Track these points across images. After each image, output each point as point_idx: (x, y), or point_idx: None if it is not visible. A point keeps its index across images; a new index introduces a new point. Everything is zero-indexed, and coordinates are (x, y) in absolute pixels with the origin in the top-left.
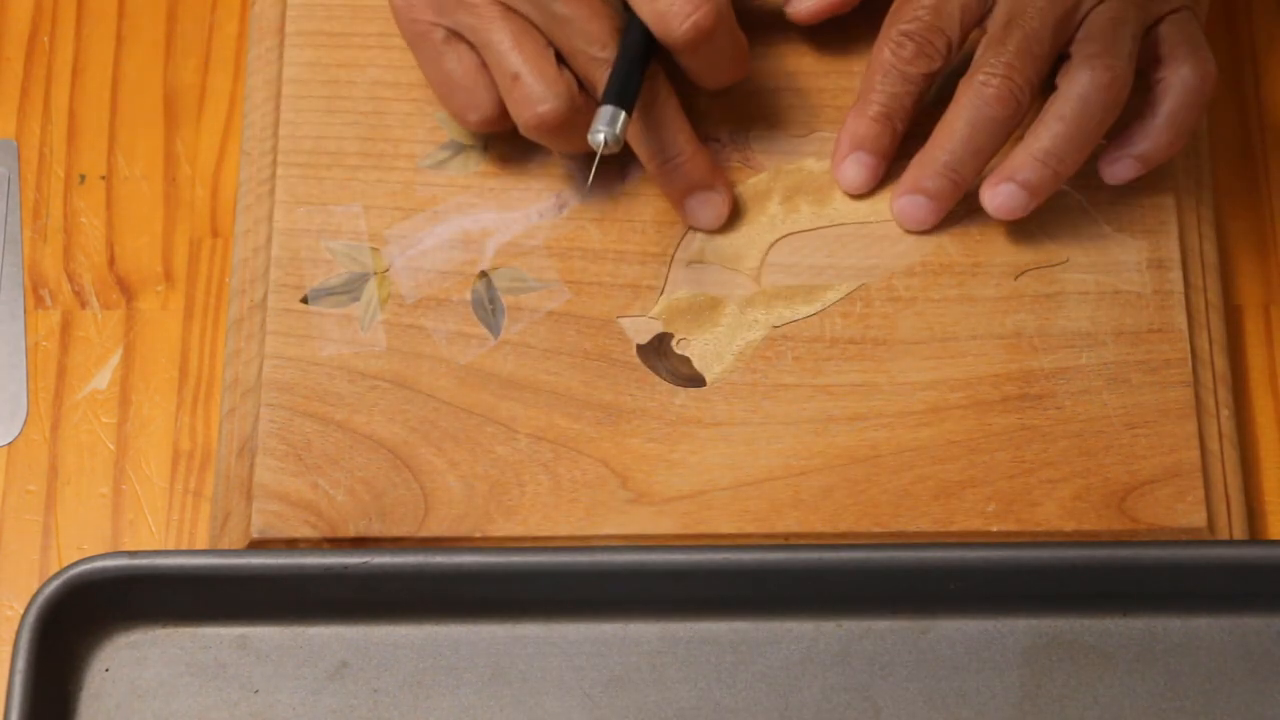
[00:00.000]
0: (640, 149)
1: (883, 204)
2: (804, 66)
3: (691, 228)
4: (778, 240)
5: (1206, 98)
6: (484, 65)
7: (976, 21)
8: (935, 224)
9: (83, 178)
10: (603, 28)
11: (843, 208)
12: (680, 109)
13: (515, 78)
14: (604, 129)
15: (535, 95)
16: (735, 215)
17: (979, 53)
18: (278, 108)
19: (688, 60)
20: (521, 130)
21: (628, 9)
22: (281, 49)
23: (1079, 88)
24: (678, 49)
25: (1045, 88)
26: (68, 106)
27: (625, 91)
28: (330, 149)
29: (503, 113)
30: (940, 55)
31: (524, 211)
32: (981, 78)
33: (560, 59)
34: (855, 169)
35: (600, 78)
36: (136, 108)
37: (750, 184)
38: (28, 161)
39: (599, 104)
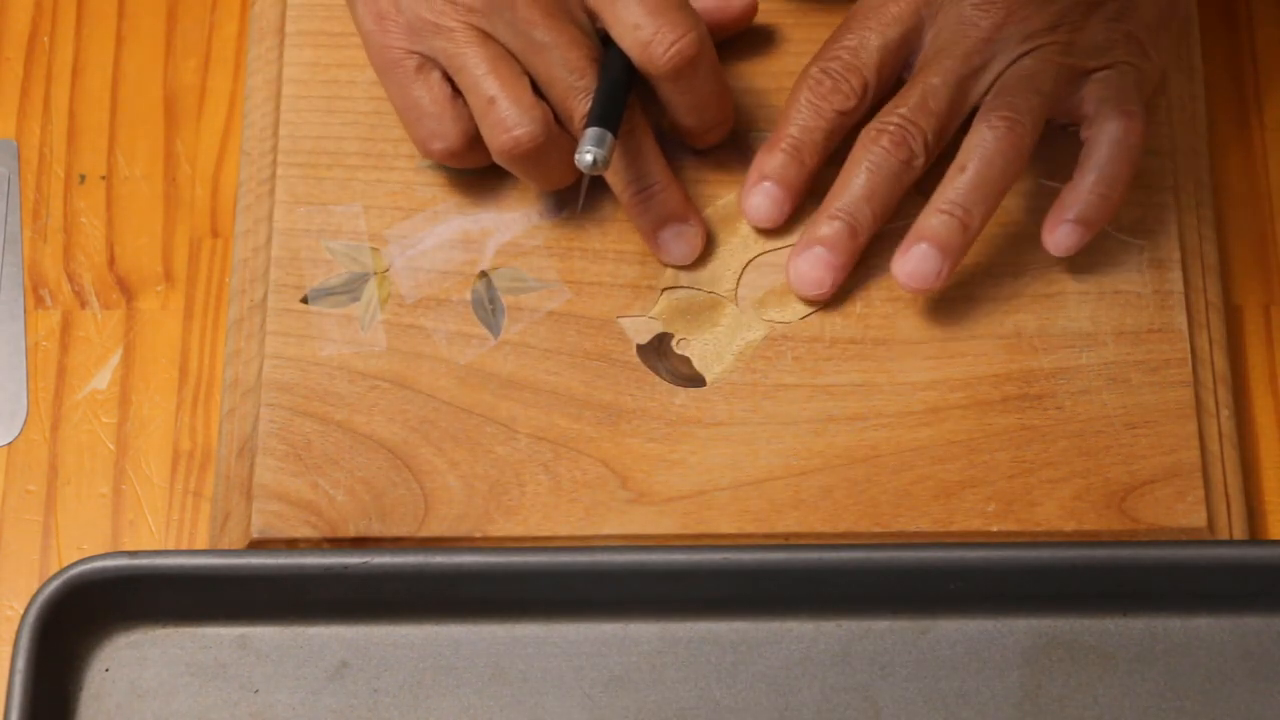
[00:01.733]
0: (615, 178)
1: None
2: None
3: (664, 263)
4: (751, 260)
5: (1134, 150)
6: (455, 96)
7: (896, 68)
8: (833, 287)
9: (83, 178)
10: (581, 56)
11: None
12: (656, 144)
13: (491, 101)
14: (592, 150)
15: (511, 120)
16: (708, 241)
17: (883, 108)
18: (278, 108)
19: (670, 91)
20: (495, 156)
21: (607, 40)
22: (281, 49)
23: (976, 138)
24: (661, 78)
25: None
26: (68, 106)
27: (610, 114)
28: (330, 149)
29: (468, 144)
30: (855, 94)
31: (524, 211)
32: (877, 125)
33: (536, 89)
34: (761, 199)
35: (576, 106)
36: (136, 108)
37: (719, 205)
38: (28, 161)
39: (584, 126)
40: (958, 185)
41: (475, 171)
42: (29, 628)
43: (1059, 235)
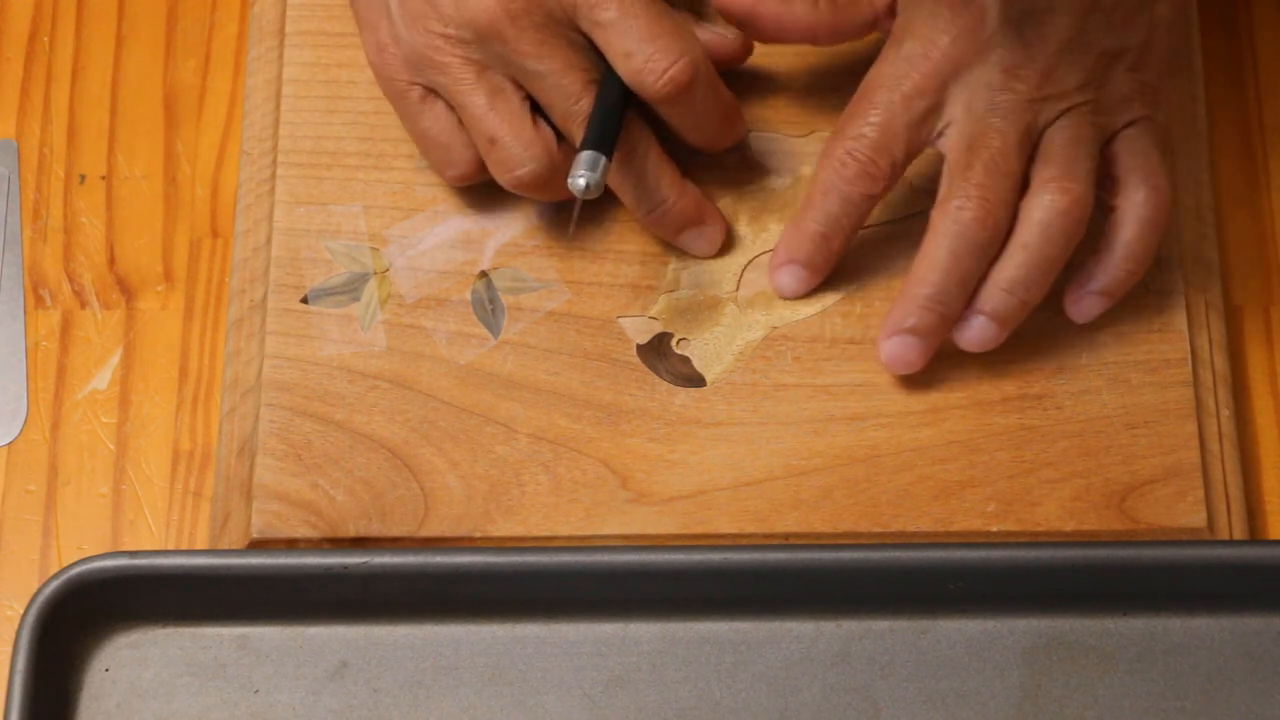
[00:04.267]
0: (625, 198)
1: None
2: (804, 66)
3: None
4: (751, 260)
5: (1162, 226)
6: (461, 125)
7: (922, 145)
8: (924, 365)
9: (83, 178)
10: (576, 80)
11: None
12: (662, 155)
13: (492, 141)
14: (585, 174)
15: (514, 158)
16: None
17: (945, 182)
18: (278, 108)
19: (669, 115)
20: (503, 186)
21: (604, 65)
22: (281, 49)
23: (1039, 214)
24: (657, 104)
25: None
26: (68, 106)
27: (604, 137)
28: (330, 149)
29: (480, 168)
30: (884, 178)
31: (524, 212)
32: (957, 203)
33: (537, 109)
34: (789, 279)
35: (575, 130)
36: (136, 108)
37: (717, 207)
38: (28, 161)
39: (578, 150)
40: (1020, 264)
41: None
42: (29, 628)
43: (1084, 305)
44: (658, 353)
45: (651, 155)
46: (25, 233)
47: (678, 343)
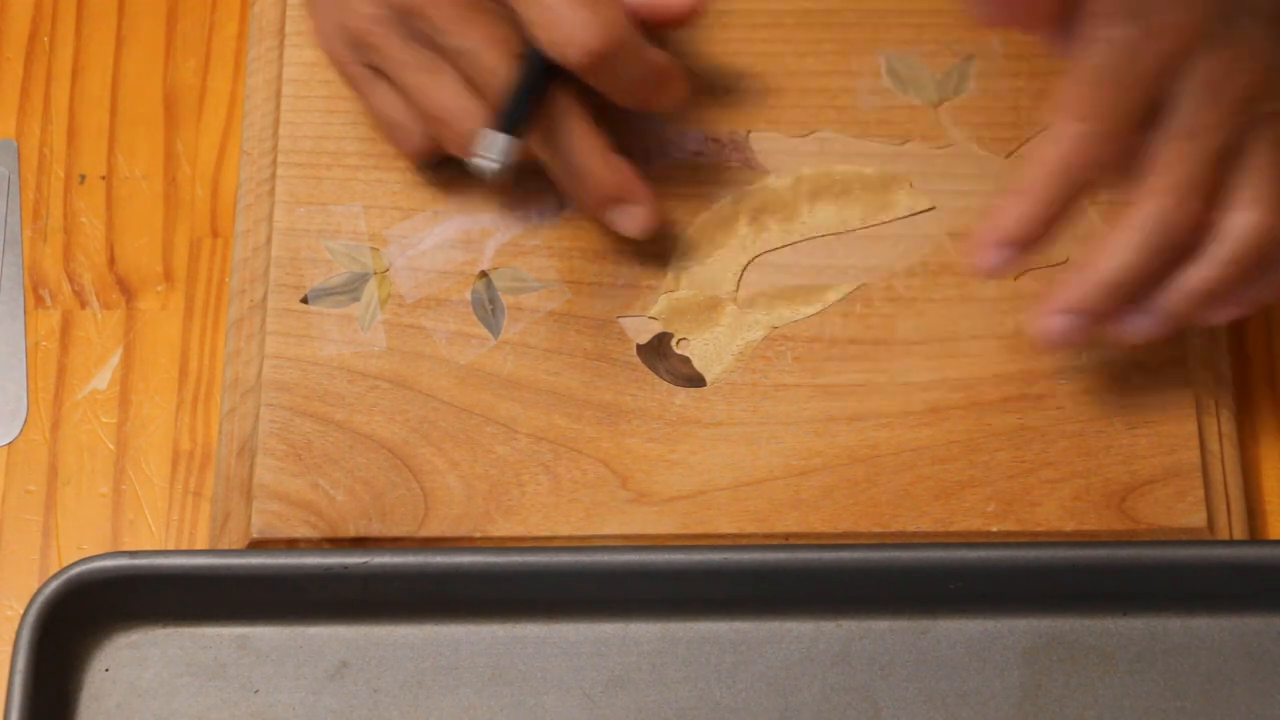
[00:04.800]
0: (551, 172)
1: (850, 213)
2: (804, 66)
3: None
4: (751, 261)
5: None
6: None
7: (1149, 121)
8: (1078, 343)
9: (83, 178)
10: (497, 55)
11: (811, 222)
12: (589, 126)
13: (437, 119)
14: (482, 155)
15: (462, 136)
16: (706, 242)
17: (1157, 169)
18: (278, 108)
19: (594, 84)
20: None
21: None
22: (281, 49)
23: (1240, 228)
24: (578, 74)
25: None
26: (68, 106)
27: (510, 114)
28: (330, 149)
29: (434, 145)
30: (1116, 167)
31: (524, 211)
32: (1159, 198)
33: None
34: (994, 258)
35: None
36: (136, 108)
37: (715, 209)
38: (28, 161)
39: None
40: (1210, 277)
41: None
42: (29, 628)
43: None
44: (658, 353)
45: (575, 127)
46: (25, 233)
47: (678, 343)
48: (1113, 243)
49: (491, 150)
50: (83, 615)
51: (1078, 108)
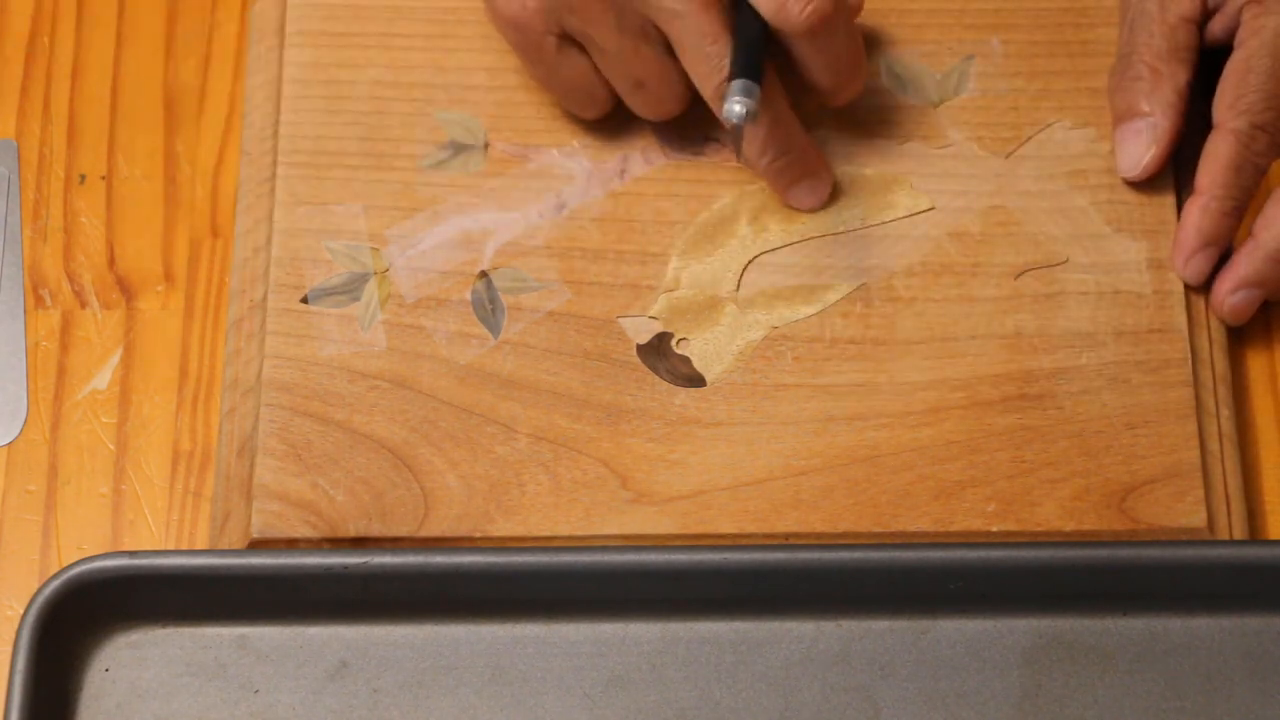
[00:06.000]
0: (750, 143)
1: (848, 212)
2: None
3: (792, 207)
4: (751, 261)
5: None
6: (596, 68)
7: None
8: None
9: (83, 178)
10: (713, 21)
11: (811, 222)
12: (788, 100)
13: (639, 84)
14: (740, 100)
15: (661, 100)
16: (706, 242)
17: None
18: (278, 108)
19: (807, 51)
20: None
21: (736, 3)
22: (281, 49)
23: None
24: (797, 36)
25: None
26: (68, 106)
27: (751, 65)
28: (330, 149)
29: (616, 103)
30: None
31: (524, 211)
32: None
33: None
34: (1205, 265)
35: (707, 72)
36: (136, 108)
37: (716, 209)
38: (28, 161)
39: (729, 79)
40: None
41: (476, 172)
42: (29, 628)
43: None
44: (658, 353)
45: (784, 100)
46: (25, 233)
47: (678, 343)
48: (1270, 209)
49: (748, 94)
50: (83, 615)
51: (1240, 99)
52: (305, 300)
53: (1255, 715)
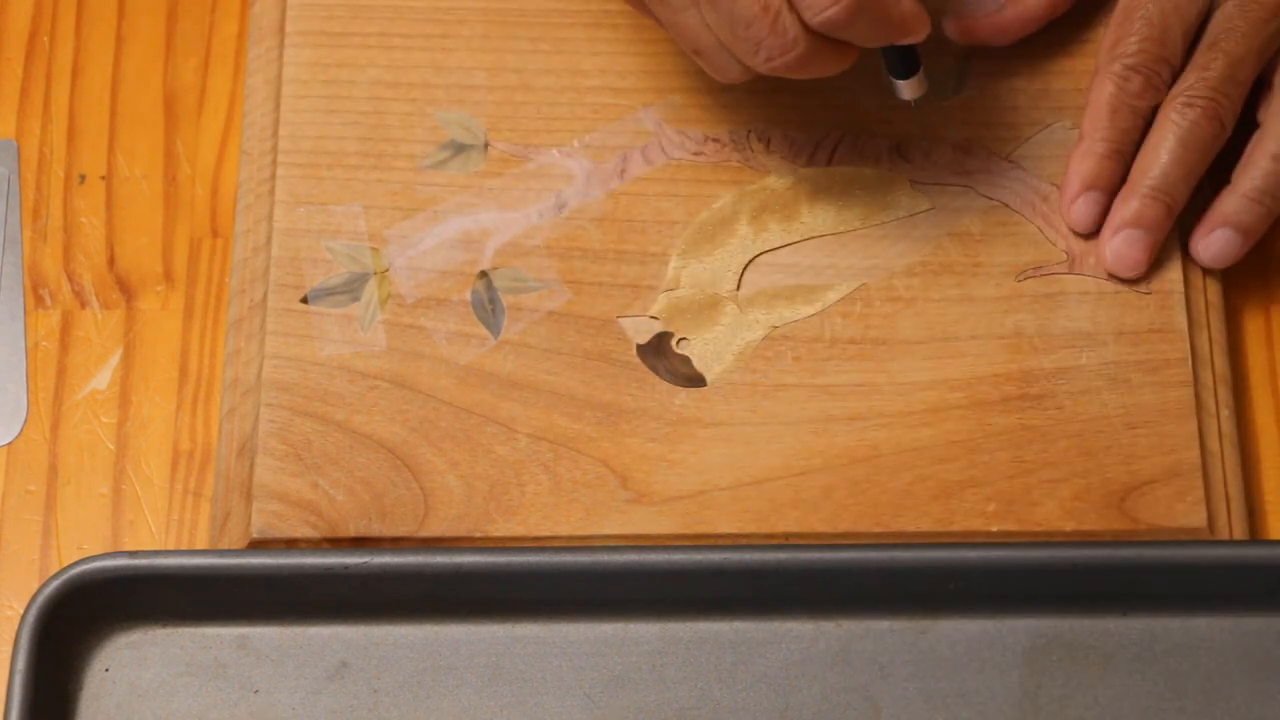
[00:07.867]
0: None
1: (849, 212)
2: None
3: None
4: (751, 261)
5: None
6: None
7: (1192, 46)
8: (1149, 264)
9: (83, 178)
10: (749, 5)
11: (810, 221)
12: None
13: (696, 52)
14: (911, 91)
15: (716, 67)
16: (706, 242)
17: (1182, 77)
18: (278, 108)
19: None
20: (766, 72)
21: None
22: (281, 49)
23: None
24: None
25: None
26: (68, 106)
27: (902, 63)
28: (330, 149)
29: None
30: (1165, 86)
31: (524, 211)
32: (1185, 99)
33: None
34: (1088, 208)
35: (749, 52)
36: (136, 108)
37: (716, 209)
38: (28, 161)
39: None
40: (1269, 172)
41: (476, 172)
42: (29, 628)
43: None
44: (658, 353)
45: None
46: (25, 233)
47: (678, 343)
48: (1145, 153)
49: (916, 89)
50: (83, 615)
51: (1120, 43)
52: (305, 300)
53: (1255, 715)
